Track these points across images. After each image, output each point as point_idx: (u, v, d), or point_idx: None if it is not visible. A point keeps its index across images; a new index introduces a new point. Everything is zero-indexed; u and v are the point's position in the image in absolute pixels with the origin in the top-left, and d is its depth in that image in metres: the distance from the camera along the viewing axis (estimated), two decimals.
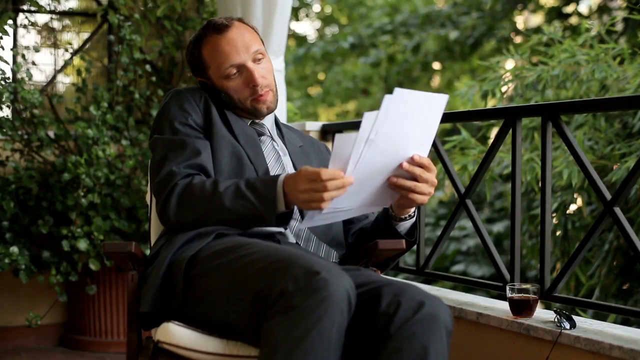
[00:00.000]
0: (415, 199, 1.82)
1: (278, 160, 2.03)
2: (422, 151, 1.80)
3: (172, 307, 1.79)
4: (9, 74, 3.71)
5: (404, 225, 1.96)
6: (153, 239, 2.13)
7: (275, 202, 1.80)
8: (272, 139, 2.08)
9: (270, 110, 2.05)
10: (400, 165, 1.78)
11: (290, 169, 2.05)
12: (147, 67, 3.86)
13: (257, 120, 2.07)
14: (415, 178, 1.80)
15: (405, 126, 1.72)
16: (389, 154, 1.75)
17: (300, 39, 12.27)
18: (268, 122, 2.11)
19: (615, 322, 3.71)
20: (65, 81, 4.23)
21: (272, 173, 1.98)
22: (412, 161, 1.79)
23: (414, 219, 1.97)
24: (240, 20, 2.07)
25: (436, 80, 11.61)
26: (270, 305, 1.56)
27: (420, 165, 1.80)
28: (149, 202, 2.16)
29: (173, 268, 1.81)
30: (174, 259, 1.82)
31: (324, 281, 1.53)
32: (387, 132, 1.69)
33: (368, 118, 1.65)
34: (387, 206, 1.93)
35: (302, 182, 1.73)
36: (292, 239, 1.94)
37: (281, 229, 1.94)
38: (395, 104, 1.66)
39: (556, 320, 2.23)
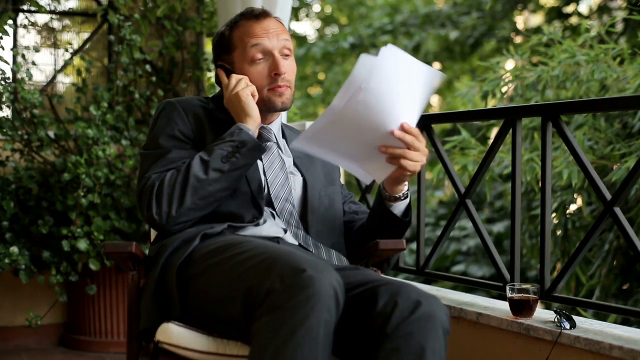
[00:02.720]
0: (407, 165, 1.82)
1: (282, 169, 2.01)
2: (411, 121, 1.81)
3: (171, 317, 1.79)
4: (9, 74, 3.71)
5: (399, 207, 1.97)
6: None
7: (240, 128, 1.92)
8: (278, 145, 2.06)
9: (285, 107, 2.02)
10: (392, 133, 1.78)
11: (295, 175, 2.04)
12: (147, 67, 3.86)
13: (264, 125, 2.04)
14: (406, 146, 1.80)
15: (394, 87, 1.73)
16: (376, 113, 1.75)
17: (300, 39, 12.26)
18: (275, 127, 2.08)
19: (615, 322, 3.70)
20: (65, 81, 4.23)
21: (276, 181, 1.98)
22: (402, 129, 1.79)
23: (408, 199, 1.98)
24: (277, 17, 2.07)
25: None
26: (259, 304, 1.56)
27: (410, 134, 1.81)
28: None
29: (166, 278, 1.81)
30: (165, 268, 1.83)
31: (309, 279, 1.53)
32: (376, 87, 1.70)
33: (363, 63, 1.68)
34: (381, 181, 1.93)
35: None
36: (292, 241, 1.94)
37: (279, 234, 1.93)
38: (387, 59, 1.69)
39: (556, 320, 2.23)
